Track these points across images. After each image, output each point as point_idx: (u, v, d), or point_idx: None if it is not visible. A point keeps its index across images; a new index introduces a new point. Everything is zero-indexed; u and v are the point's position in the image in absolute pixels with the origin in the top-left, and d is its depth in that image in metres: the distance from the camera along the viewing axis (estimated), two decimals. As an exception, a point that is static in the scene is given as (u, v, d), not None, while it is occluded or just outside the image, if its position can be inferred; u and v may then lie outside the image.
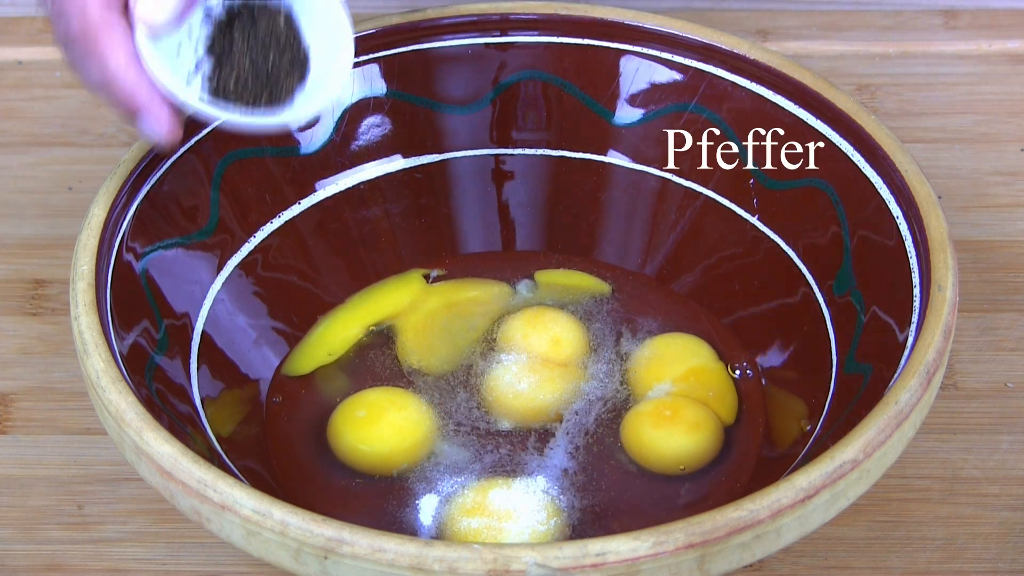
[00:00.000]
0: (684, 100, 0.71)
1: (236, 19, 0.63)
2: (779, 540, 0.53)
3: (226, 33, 0.62)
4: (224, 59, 0.62)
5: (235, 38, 0.62)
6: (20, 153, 0.85)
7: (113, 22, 0.58)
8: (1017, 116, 0.87)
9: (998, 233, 0.79)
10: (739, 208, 0.71)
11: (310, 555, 0.51)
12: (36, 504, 0.67)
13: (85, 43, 0.58)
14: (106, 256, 0.62)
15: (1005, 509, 0.66)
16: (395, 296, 0.73)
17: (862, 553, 0.64)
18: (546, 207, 0.75)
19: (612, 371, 0.69)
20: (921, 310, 0.60)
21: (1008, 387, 0.71)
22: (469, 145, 0.74)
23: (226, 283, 0.68)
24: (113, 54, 0.59)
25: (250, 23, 0.63)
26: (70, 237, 0.64)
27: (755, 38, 0.92)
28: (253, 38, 0.62)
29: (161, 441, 0.55)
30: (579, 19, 0.72)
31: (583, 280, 0.74)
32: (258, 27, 0.63)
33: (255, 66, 0.62)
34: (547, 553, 0.50)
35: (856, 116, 0.66)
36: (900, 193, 0.64)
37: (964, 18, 0.94)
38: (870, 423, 0.54)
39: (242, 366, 0.68)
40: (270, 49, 0.63)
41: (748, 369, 0.69)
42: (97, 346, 0.58)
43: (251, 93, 0.62)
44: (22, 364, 0.73)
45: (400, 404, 0.67)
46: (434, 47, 0.72)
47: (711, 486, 0.65)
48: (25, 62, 0.91)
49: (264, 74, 0.62)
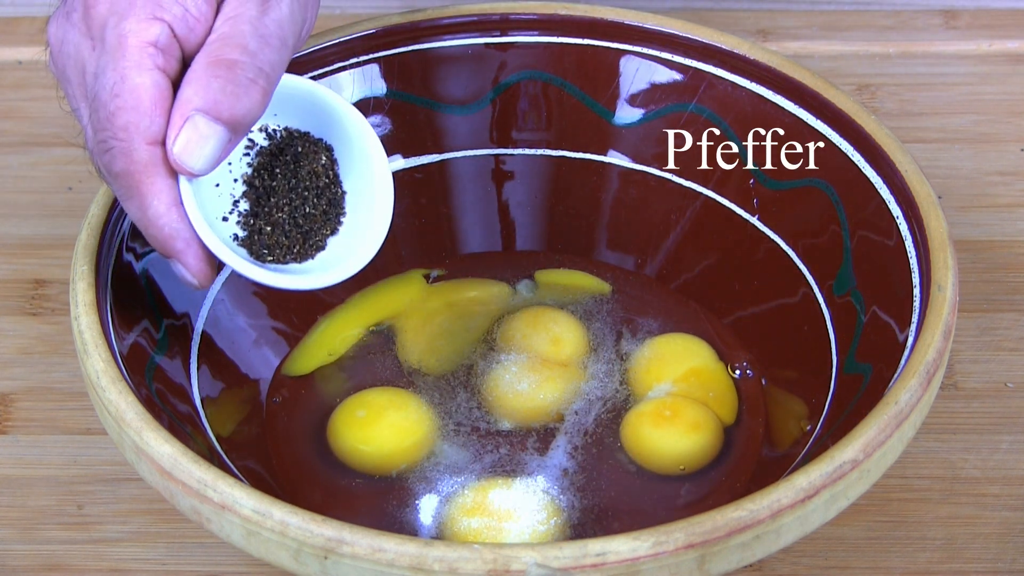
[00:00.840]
0: (684, 100, 0.71)
1: (280, 155, 0.61)
2: (779, 540, 0.53)
3: (268, 170, 0.61)
4: (264, 202, 0.60)
5: (277, 178, 0.61)
6: (20, 153, 0.85)
7: (158, 162, 0.56)
8: (1017, 116, 0.87)
9: (998, 233, 0.79)
10: (739, 208, 0.71)
11: (310, 555, 0.51)
12: (36, 504, 0.67)
13: (128, 182, 0.56)
14: (106, 256, 0.62)
15: (1005, 509, 0.66)
16: (395, 296, 0.73)
17: (862, 553, 0.64)
18: (546, 207, 0.75)
19: (612, 371, 0.69)
20: (921, 310, 0.60)
21: (1008, 387, 0.71)
22: (469, 145, 0.74)
23: (226, 283, 0.68)
24: (155, 199, 0.56)
25: (293, 162, 0.61)
26: (70, 237, 0.64)
27: (755, 38, 0.92)
28: (295, 179, 0.61)
29: (161, 441, 0.55)
30: (579, 19, 0.72)
31: (583, 280, 0.74)
32: (300, 167, 0.61)
33: (293, 214, 0.61)
34: (547, 553, 0.50)
35: (856, 116, 0.66)
36: (900, 193, 0.64)
37: (964, 18, 0.94)
38: (870, 423, 0.54)
39: (242, 366, 0.68)
40: (310, 193, 0.61)
41: (748, 369, 0.69)
42: (97, 346, 0.58)
43: (286, 243, 0.61)
44: (22, 364, 0.73)
45: (400, 404, 0.67)
46: (434, 47, 0.72)
47: (711, 486, 0.65)
48: (25, 62, 0.91)
49: (301, 221, 0.61)
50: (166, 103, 0.56)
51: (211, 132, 0.56)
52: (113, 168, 0.56)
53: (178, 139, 0.56)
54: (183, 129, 0.56)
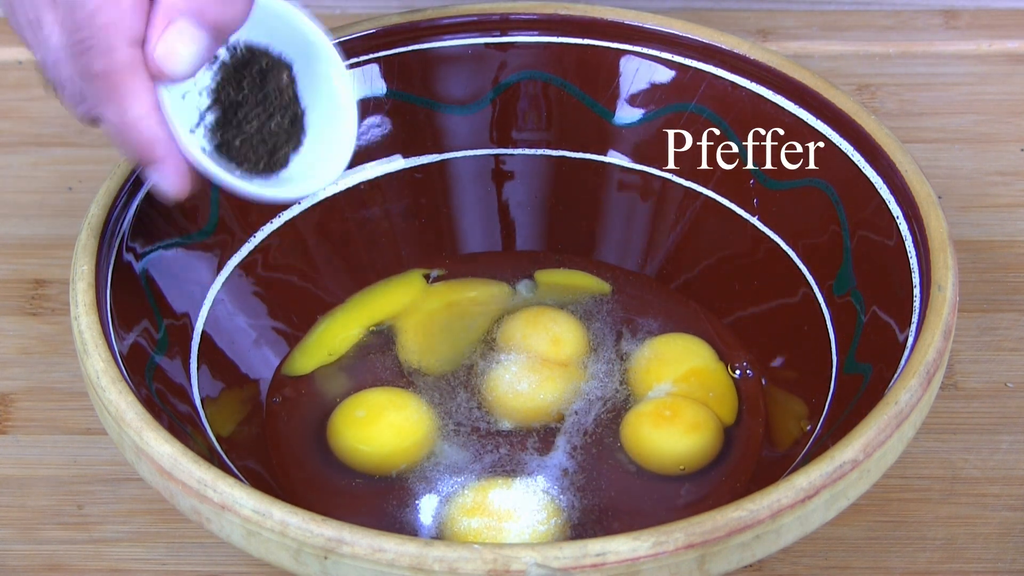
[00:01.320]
0: (684, 100, 0.71)
1: (244, 69, 0.60)
2: (779, 540, 0.53)
3: (233, 83, 0.60)
4: (230, 115, 0.60)
5: (244, 92, 0.60)
6: (20, 153, 0.85)
7: (139, 64, 0.55)
8: (1017, 116, 0.87)
9: (998, 233, 0.79)
10: (739, 208, 0.71)
11: (310, 555, 0.51)
12: (36, 504, 0.67)
13: (107, 83, 0.55)
14: (106, 256, 0.62)
15: (1005, 509, 0.66)
16: (395, 296, 0.73)
17: (862, 553, 0.64)
18: (546, 207, 0.75)
19: (612, 371, 0.69)
20: (921, 310, 0.60)
21: (1008, 387, 0.71)
22: (469, 145, 0.74)
23: (226, 283, 0.68)
24: (136, 101, 0.55)
25: (259, 77, 0.60)
26: (70, 237, 0.64)
27: (755, 38, 0.92)
28: (261, 94, 0.60)
29: (161, 441, 0.55)
30: (579, 19, 0.72)
31: (583, 280, 0.74)
32: (266, 83, 0.60)
33: (261, 129, 0.60)
34: (547, 553, 0.50)
35: (856, 116, 0.66)
36: (900, 193, 0.64)
37: (964, 18, 0.94)
38: (870, 423, 0.54)
39: (242, 366, 0.68)
40: (275, 109, 0.61)
41: (748, 369, 0.69)
42: (97, 346, 0.58)
43: (254, 157, 0.60)
44: (22, 364, 0.73)
45: (400, 404, 0.67)
46: (434, 47, 0.72)
47: (711, 486, 0.65)
48: (25, 62, 0.91)
49: (268, 137, 0.61)
50: (146, 4, 0.55)
51: (195, 37, 0.55)
52: (92, 68, 0.55)
53: (160, 42, 0.55)
54: (167, 32, 0.55)
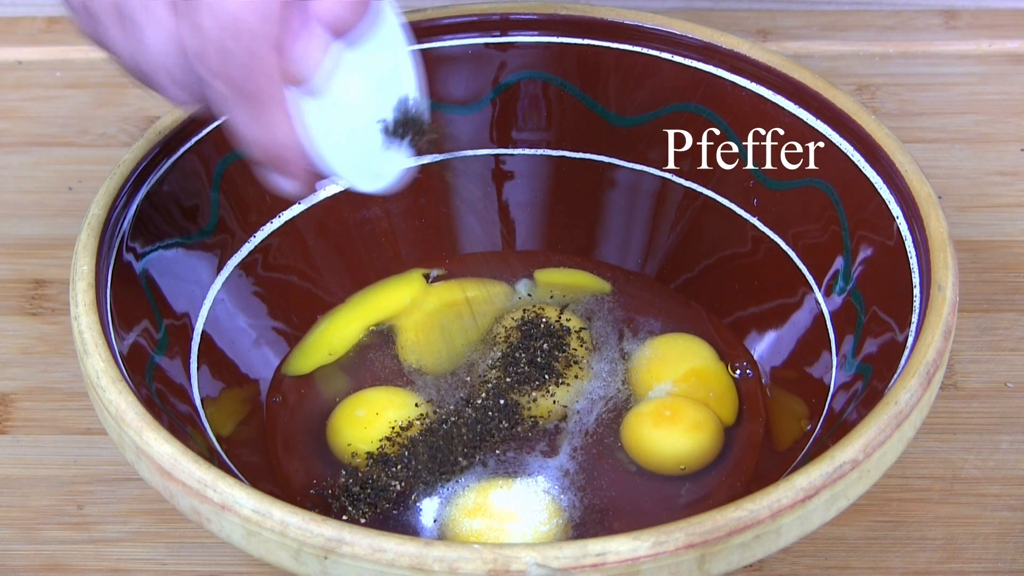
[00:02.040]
0: (684, 100, 0.71)
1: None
2: (779, 540, 0.53)
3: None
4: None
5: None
6: (20, 153, 0.85)
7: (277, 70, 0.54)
8: (1017, 116, 0.87)
9: (998, 233, 0.79)
10: (739, 208, 0.71)
11: (310, 555, 0.51)
12: (36, 504, 0.67)
13: (247, 90, 0.54)
14: (106, 256, 0.62)
15: (1005, 509, 0.66)
16: (395, 296, 0.73)
17: (862, 553, 0.64)
18: (546, 207, 0.75)
19: (615, 370, 0.69)
20: (921, 310, 0.60)
21: (1008, 387, 0.71)
22: (469, 145, 0.74)
23: (226, 283, 0.68)
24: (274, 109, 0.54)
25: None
26: (70, 237, 0.64)
27: (755, 38, 0.92)
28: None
29: (161, 441, 0.55)
30: (579, 19, 0.72)
31: (583, 279, 0.74)
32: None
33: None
34: (547, 553, 0.50)
35: (856, 116, 0.66)
36: (900, 193, 0.64)
37: (964, 18, 0.94)
38: (870, 423, 0.54)
39: (242, 366, 0.68)
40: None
41: (748, 369, 0.69)
42: (97, 346, 0.58)
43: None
44: (22, 364, 0.73)
45: (400, 404, 0.67)
46: (434, 47, 0.72)
47: (711, 486, 0.65)
48: (25, 62, 0.91)
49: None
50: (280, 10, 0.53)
51: (329, 45, 0.55)
52: (231, 73, 0.53)
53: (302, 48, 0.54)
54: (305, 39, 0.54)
